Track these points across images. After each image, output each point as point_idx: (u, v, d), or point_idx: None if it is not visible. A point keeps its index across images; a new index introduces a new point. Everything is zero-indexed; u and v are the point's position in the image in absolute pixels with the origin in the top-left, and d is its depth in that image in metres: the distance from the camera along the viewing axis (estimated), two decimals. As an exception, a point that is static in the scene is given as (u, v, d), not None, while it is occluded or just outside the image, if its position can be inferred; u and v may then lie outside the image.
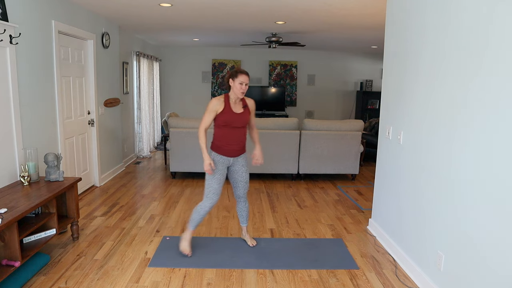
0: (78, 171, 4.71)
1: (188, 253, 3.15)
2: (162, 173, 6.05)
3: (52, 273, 2.84)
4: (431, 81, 2.69)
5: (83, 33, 4.66)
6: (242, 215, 3.38)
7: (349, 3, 4.19)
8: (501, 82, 1.96)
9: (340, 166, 5.62)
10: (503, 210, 1.94)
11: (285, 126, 5.48)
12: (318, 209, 4.48)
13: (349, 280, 2.84)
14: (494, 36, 2.03)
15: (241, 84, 2.97)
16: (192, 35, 7.25)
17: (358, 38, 7.02)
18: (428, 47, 2.74)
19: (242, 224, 3.41)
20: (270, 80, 9.67)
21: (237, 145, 3.10)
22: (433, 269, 2.62)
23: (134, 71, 7.11)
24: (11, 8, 3.24)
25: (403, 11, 3.21)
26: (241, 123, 3.05)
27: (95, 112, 5.07)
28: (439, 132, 2.57)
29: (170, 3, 4.38)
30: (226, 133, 3.05)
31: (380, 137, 3.71)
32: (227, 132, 3.05)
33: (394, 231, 3.30)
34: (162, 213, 4.20)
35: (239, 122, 3.04)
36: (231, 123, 3.02)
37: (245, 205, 3.36)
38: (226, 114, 3.01)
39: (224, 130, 3.05)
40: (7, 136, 3.24)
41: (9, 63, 3.22)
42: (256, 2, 4.28)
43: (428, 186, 2.71)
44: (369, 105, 9.67)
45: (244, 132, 3.12)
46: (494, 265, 2.00)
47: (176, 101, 9.65)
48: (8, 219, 2.40)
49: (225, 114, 3.01)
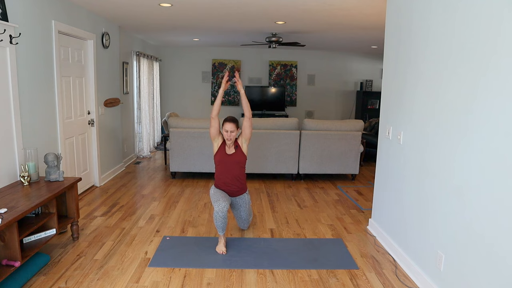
0: (78, 171, 4.71)
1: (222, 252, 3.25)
2: (162, 173, 6.05)
3: (52, 273, 2.84)
4: (431, 81, 2.69)
5: (83, 33, 4.66)
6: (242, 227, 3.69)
7: (349, 3, 4.19)
8: (503, 82, 1.96)
9: (340, 166, 5.62)
10: (503, 210, 1.94)
11: (285, 126, 5.48)
12: (318, 209, 4.48)
13: (349, 280, 2.84)
14: (500, 35, 2.03)
15: (227, 132, 3.26)
16: (192, 35, 7.25)
17: (358, 38, 7.02)
18: (429, 47, 2.74)
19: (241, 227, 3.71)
20: (270, 80, 9.67)
21: (234, 185, 3.40)
22: (433, 269, 2.62)
23: (134, 71, 7.11)
24: (11, 8, 3.24)
25: (403, 11, 3.21)
26: (232, 163, 3.35)
27: (95, 112, 5.07)
28: (439, 132, 2.57)
29: (170, 3, 4.38)
30: (223, 172, 3.37)
31: (380, 137, 3.71)
32: (223, 170, 3.36)
33: (394, 231, 3.30)
34: (162, 213, 4.20)
35: (230, 162, 3.35)
36: (223, 162, 3.36)
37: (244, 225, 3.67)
38: (219, 153, 3.37)
39: (220, 168, 3.38)
40: (7, 136, 3.24)
41: (9, 63, 3.22)
42: (256, 2, 4.28)
43: (428, 186, 2.71)
44: (369, 105, 9.67)
45: (241, 173, 3.39)
46: (495, 265, 2.00)
47: (176, 101, 9.65)
48: (8, 219, 2.40)
49: (218, 154, 3.37)
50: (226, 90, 9.59)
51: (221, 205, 3.16)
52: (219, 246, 3.27)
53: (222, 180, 3.39)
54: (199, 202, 4.63)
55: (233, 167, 3.36)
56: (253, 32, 6.58)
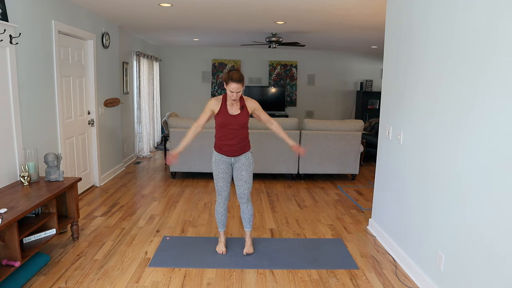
0: (78, 171, 4.71)
1: (222, 252, 3.22)
2: (162, 173, 6.05)
3: (52, 273, 2.84)
4: (431, 81, 2.69)
5: (83, 33, 4.66)
6: (243, 218, 3.23)
7: (349, 3, 4.19)
8: (503, 82, 1.96)
9: (340, 166, 5.62)
10: (504, 210, 1.94)
11: (285, 126, 5.48)
12: (318, 209, 4.48)
13: (349, 280, 2.84)
14: (500, 35, 2.03)
15: (232, 93, 2.89)
16: (192, 35, 7.25)
17: (358, 38, 7.02)
18: (429, 46, 2.74)
19: (244, 228, 3.28)
20: (270, 80, 9.67)
21: (236, 145, 3.05)
22: (433, 269, 2.62)
23: (134, 71, 7.11)
24: (11, 8, 3.24)
25: (403, 11, 3.21)
26: (236, 124, 3.00)
27: (95, 112, 5.07)
28: (439, 132, 2.57)
29: (170, 3, 4.38)
30: (224, 134, 3.03)
31: (380, 137, 3.71)
32: (225, 133, 3.02)
33: (394, 231, 3.30)
34: (162, 213, 4.20)
35: (235, 123, 3.00)
36: (226, 124, 3.00)
37: (246, 207, 3.20)
38: (221, 115, 2.99)
39: (222, 131, 3.03)
40: (7, 136, 3.24)
41: (9, 63, 3.22)
42: (256, 2, 4.28)
43: (428, 186, 2.71)
44: (369, 105, 9.67)
45: (243, 133, 3.07)
46: (494, 265, 2.00)
47: (176, 101, 9.65)
48: (8, 219, 2.40)
49: (220, 116, 2.99)
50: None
51: (222, 197, 3.16)
52: (219, 246, 3.26)
53: (224, 141, 3.05)
54: (199, 202, 4.63)
55: (237, 128, 3.01)
56: (253, 32, 6.58)
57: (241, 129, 3.04)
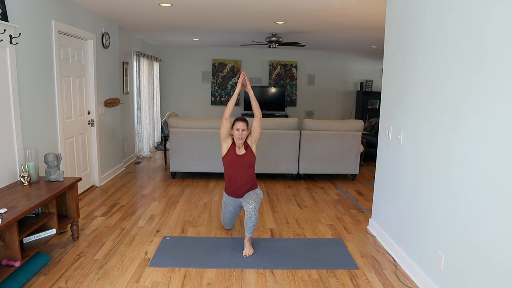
0: (78, 171, 4.71)
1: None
2: (162, 173, 6.05)
3: (52, 273, 2.84)
4: (431, 81, 2.69)
5: (83, 33, 4.66)
6: (246, 226, 3.20)
7: (349, 3, 4.19)
8: (503, 82, 1.96)
9: (340, 166, 5.62)
10: (503, 210, 1.94)
11: (285, 126, 5.48)
12: (318, 209, 4.48)
13: (349, 280, 2.84)
14: (497, 36, 2.03)
15: (238, 131, 3.24)
16: (192, 35, 7.25)
17: (358, 38, 7.02)
18: (428, 46, 2.74)
19: (245, 233, 3.24)
20: (270, 80, 9.66)
21: (243, 186, 3.35)
22: (433, 269, 2.62)
23: (134, 71, 7.11)
24: (11, 8, 3.24)
25: (403, 11, 3.21)
26: (244, 164, 3.32)
27: (95, 112, 5.07)
28: (439, 132, 2.57)
29: (170, 3, 4.38)
30: (234, 174, 3.33)
31: (380, 137, 3.71)
32: (235, 172, 3.33)
33: (394, 231, 3.30)
34: (162, 213, 4.20)
35: (242, 162, 3.31)
36: (234, 163, 3.32)
37: (250, 218, 3.17)
38: (228, 155, 3.34)
39: (232, 170, 3.34)
40: (7, 136, 3.24)
41: (9, 63, 3.22)
42: (256, 2, 4.28)
43: (428, 186, 2.71)
44: (369, 105, 9.67)
45: (251, 172, 3.36)
46: (494, 265, 2.00)
47: (176, 101, 9.65)
48: (8, 219, 2.40)
49: (228, 156, 3.34)
50: (226, 90, 9.60)
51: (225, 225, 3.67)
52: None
53: (233, 183, 3.33)
54: (199, 202, 4.63)
55: (244, 168, 3.32)
56: (253, 32, 6.58)
57: (248, 168, 3.34)
